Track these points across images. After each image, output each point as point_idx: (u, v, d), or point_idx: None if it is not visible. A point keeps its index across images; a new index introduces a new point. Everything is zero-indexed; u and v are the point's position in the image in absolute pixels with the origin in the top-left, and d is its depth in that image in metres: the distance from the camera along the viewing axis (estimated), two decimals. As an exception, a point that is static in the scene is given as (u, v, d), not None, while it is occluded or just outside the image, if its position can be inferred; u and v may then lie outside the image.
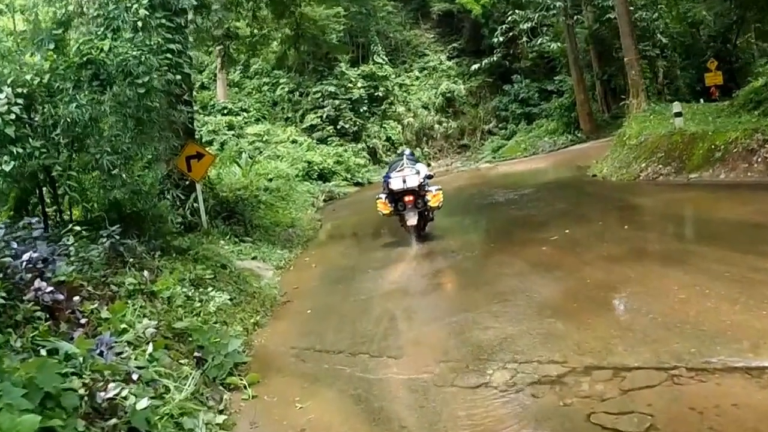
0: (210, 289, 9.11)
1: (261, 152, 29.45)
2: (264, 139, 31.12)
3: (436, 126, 36.30)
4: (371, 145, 33.74)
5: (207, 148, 29.04)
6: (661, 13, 27.18)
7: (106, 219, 9.26)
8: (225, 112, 32.62)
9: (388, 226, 15.47)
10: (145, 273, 8.29)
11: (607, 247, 9.62)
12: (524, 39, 34.60)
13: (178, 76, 11.12)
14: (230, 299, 9.31)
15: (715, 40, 30.53)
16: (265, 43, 17.04)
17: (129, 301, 7.47)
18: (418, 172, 11.95)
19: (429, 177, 12.46)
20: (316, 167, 28.47)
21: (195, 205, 13.55)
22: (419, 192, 11.86)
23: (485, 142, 35.48)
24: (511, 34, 29.96)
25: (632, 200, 13.79)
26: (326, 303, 9.35)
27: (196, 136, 28.58)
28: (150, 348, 6.19)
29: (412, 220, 11.97)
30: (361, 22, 36.27)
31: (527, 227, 12.47)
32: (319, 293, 10.06)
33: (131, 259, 8.55)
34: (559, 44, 29.44)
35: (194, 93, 33.01)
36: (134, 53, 9.95)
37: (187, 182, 13.74)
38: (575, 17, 29.12)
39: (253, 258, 12.47)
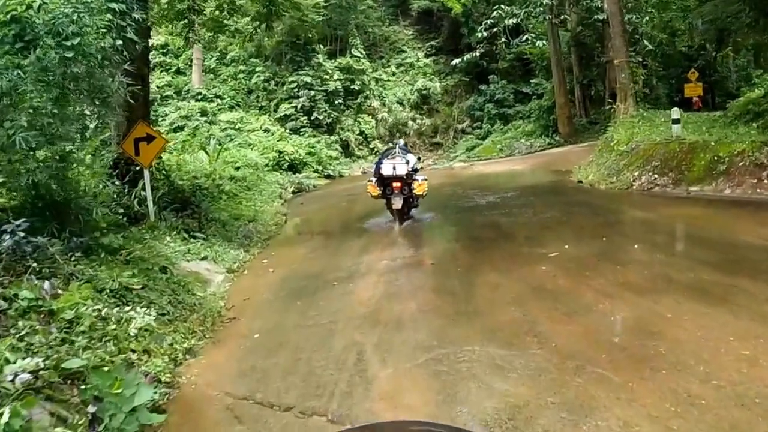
0: (135, 303, 6.91)
1: (232, 140, 27.14)
2: (236, 126, 28.75)
3: (410, 122, 34.18)
4: (344, 138, 31.48)
5: (178, 134, 26.93)
6: (651, 17, 25.22)
7: (28, 208, 7.54)
8: (199, 97, 30.25)
9: (358, 225, 13.42)
10: (46, 285, 6.07)
11: (622, 272, 7.57)
12: (503, 39, 32.73)
13: (119, 42, 8.80)
14: (163, 314, 7.13)
15: (695, 51, 29.01)
16: (233, 17, 14.60)
17: (20, 323, 5.31)
18: (407, 162, 12.22)
19: (415, 170, 12.60)
20: (287, 157, 26.08)
21: (143, 193, 11.25)
22: (406, 180, 12.10)
23: (459, 141, 33.46)
24: (495, 29, 27.82)
25: (632, 213, 11.79)
26: (279, 325, 7.13)
27: (159, 120, 26.42)
28: (6, 414, 3.98)
29: (397, 204, 12.16)
30: (341, 14, 34.05)
31: (518, 239, 10.33)
32: (273, 310, 7.81)
33: (34, 264, 6.34)
34: (543, 43, 27.36)
35: (152, 68, 30.59)
36: (66, 10, 7.72)
37: (137, 168, 11.46)
38: (561, 16, 27.08)
39: (203, 258, 10.16)
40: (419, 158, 14.05)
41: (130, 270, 7.80)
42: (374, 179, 12.45)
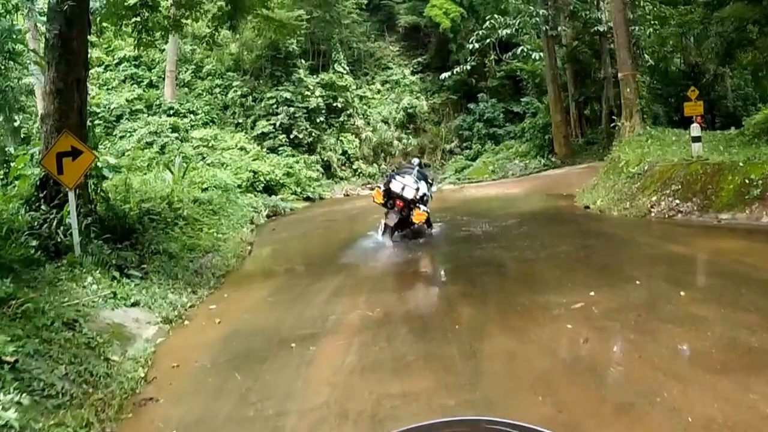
0: (6, 383, 4.83)
1: (204, 158, 24.95)
2: (210, 144, 26.52)
3: (395, 142, 32.23)
4: (326, 158, 29.40)
5: (145, 150, 24.70)
6: (654, 29, 23.48)
7: None
8: (171, 112, 27.90)
9: (334, 258, 11.41)
10: None
11: (678, 334, 5.55)
12: (493, 57, 31.03)
13: (21, 26, 6.80)
14: (48, 397, 5.06)
15: (697, 69, 27.51)
16: (193, 16, 12.57)
17: None
18: (417, 189, 11.95)
19: (423, 199, 12.18)
20: (262, 178, 23.94)
21: (69, 221, 9.13)
22: (408, 203, 11.91)
23: (447, 162, 31.54)
24: (487, 41, 25.96)
25: (661, 247, 9.73)
26: (207, 415, 5.00)
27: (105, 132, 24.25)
28: None
29: (391, 220, 12.00)
30: (324, 29, 32.29)
31: (527, 282, 8.23)
32: (205, 387, 5.64)
33: None
34: (540, 55, 25.47)
35: (123, 81, 28.71)
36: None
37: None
38: (558, 28, 25.27)
39: (134, 304, 7.99)
40: (432, 183, 13.67)
41: (13, 329, 5.71)
42: (383, 188, 12.35)
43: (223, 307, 8.46)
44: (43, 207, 9.71)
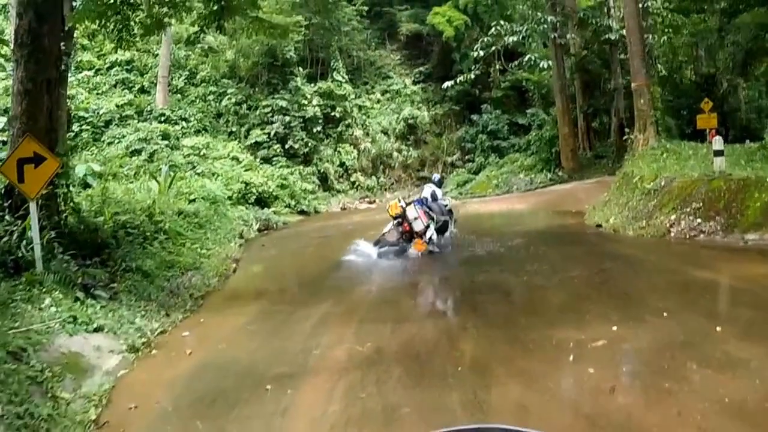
0: None
1: (194, 167, 24.15)
2: (201, 153, 25.72)
3: (395, 154, 31.57)
4: (322, 170, 28.72)
5: (133, 158, 23.95)
6: (669, 37, 22.81)
7: None
8: (162, 119, 27.12)
9: (324, 279, 10.67)
10: None
11: (722, 382, 4.79)
12: (497, 66, 30.34)
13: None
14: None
15: (706, 80, 26.83)
16: (177, 15, 11.86)
17: None
18: (428, 227, 12.20)
19: (430, 239, 12.23)
20: (254, 189, 23.21)
21: (31, 234, 8.38)
22: (412, 232, 12.19)
23: (449, 176, 30.71)
24: (493, 48, 25.27)
25: (687, 272, 8.89)
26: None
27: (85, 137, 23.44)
28: None
29: (391, 236, 12.42)
30: (323, 36, 31.65)
31: (540, 313, 7.38)
32: (162, 437, 4.89)
33: None
34: (548, 63, 24.70)
35: (114, 85, 28.07)
36: None
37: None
38: (568, 35, 24.58)
39: (97, 329, 7.21)
40: (455, 221, 13.58)
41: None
42: (403, 205, 12.53)
43: (198, 334, 7.67)
44: (7, 218, 9.01)
